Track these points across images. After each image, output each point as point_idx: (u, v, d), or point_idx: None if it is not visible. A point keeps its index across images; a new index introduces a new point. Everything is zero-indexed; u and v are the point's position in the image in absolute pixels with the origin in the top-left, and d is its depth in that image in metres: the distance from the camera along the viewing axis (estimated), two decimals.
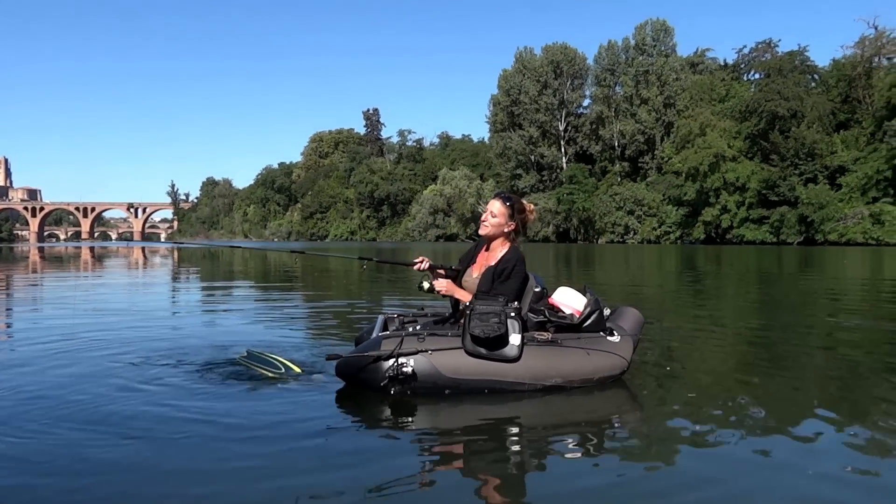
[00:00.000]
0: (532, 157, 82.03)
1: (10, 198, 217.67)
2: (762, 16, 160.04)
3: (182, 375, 4.20)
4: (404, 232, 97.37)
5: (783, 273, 17.60)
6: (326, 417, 3.39)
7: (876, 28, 61.38)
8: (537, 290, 4.06)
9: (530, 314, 3.96)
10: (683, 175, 62.91)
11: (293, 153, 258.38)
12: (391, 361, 3.66)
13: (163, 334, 6.04)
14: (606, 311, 4.11)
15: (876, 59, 60.46)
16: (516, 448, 3.06)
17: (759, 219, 58.74)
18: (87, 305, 9.14)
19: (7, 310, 8.76)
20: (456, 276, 4.23)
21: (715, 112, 64.81)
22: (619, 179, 74.13)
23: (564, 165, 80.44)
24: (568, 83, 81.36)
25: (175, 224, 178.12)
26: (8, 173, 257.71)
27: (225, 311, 8.55)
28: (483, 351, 3.68)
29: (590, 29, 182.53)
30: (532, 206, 4.22)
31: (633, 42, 76.07)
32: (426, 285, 4.11)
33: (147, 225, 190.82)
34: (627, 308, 4.46)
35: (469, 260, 4.24)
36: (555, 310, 4.02)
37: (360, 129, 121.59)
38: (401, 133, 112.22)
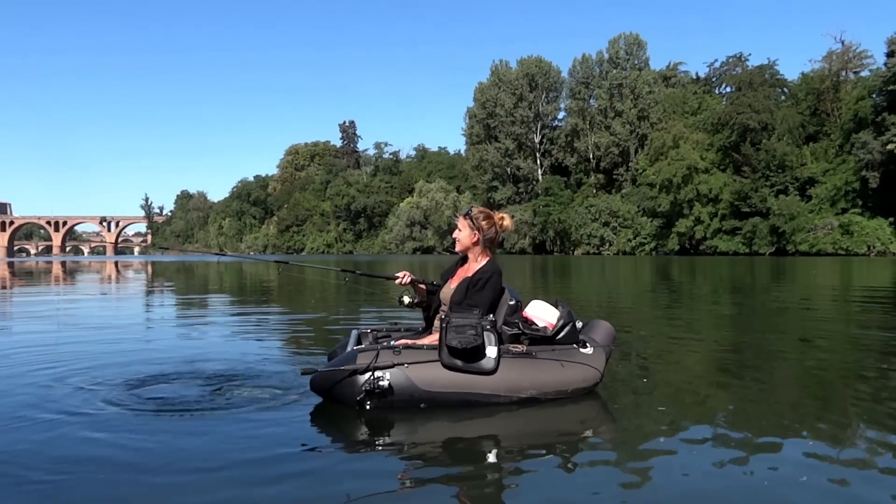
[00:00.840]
0: (508, 170, 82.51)
1: None
2: (732, 30, 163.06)
3: (155, 393, 4.16)
4: (381, 245, 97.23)
5: (756, 283, 17.84)
6: (302, 435, 3.35)
7: (843, 43, 62.86)
8: (512, 303, 4.05)
9: (505, 327, 3.95)
10: (657, 187, 63.63)
11: (269, 166, 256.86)
12: (367, 375, 3.61)
13: (136, 349, 5.99)
14: (579, 324, 4.14)
15: (843, 73, 61.81)
16: (494, 462, 3.06)
17: (731, 230, 59.56)
18: (61, 321, 9.00)
19: None
20: (436, 291, 4.24)
21: (688, 125, 65.75)
22: (594, 191, 74.79)
23: (540, 177, 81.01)
24: (543, 96, 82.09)
25: (149, 238, 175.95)
26: None
27: (201, 324, 8.51)
28: (459, 363, 3.66)
29: (564, 43, 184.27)
30: (502, 215, 4.22)
31: (606, 56, 77.01)
32: (406, 300, 4.10)
33: (120, 239, 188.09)
34: (599, 321, 4.50)
35: (449, 274, 4.26)
36: (529, 323, 4.03)
37: (337, 141, 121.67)
38: (377, 146, 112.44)
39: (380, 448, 3.28)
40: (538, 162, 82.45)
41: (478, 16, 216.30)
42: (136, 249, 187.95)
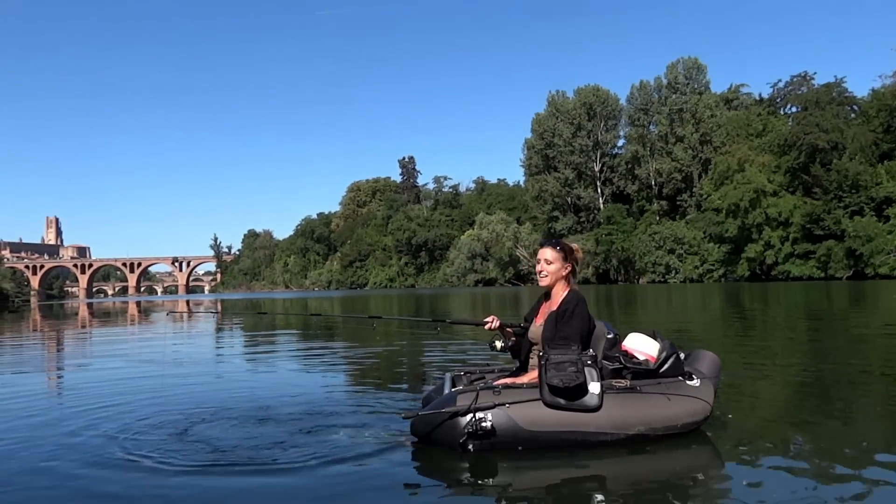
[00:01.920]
0: (569, 199, 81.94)
1: (60, 256, 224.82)
2: (796, 48, 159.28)
3: (250, 433, 4.19)
4: (443, 278, 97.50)
5: (834, 309, 17.08)
6: (405, 479, 3.29)
7: None
8: (610, 336, 3.96)
9: (605, 361, 3.83)
10: (724, 212, 62.03)
11: (332, 203, 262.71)
12: (469, 417, 3.51)
13: (209, 386, 6.10)
14: (682, 355, 4.00)
15: None
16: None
17: (804, 254, 57.39)
18: (167, 360, 9.28)
19: (57, 363, 8.94)
20: (524, 333, 4.18)
21: (753, 147, 64.09)
22: (657, 218, 73.45)
23: (602, 206, 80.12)
24: (602, 124, 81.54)
25: (218, 276, 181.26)
26: (59, 232, 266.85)
27: (279, 364, 8.53)
28: (562, 401, 3.53)
29: (621, 70, 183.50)
30: (577, 245, 4.20)
31: (665, 81, 76.13)
32: (499, 344, 4.08)
33: (191, 278, 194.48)
34: (703, 351, 4.31)
35: (533, 313, 4.20)
36: (629, 356, 3.91)
37: (397, 177, 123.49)
38: (436, 179, 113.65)
39: (487, 491, 3.18)
40: (599, 190, 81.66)
41: (534, 47, 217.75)
42: (206, 288, 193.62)
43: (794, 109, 68.37)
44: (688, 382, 3.81)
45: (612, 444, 3.56)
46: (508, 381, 3.87)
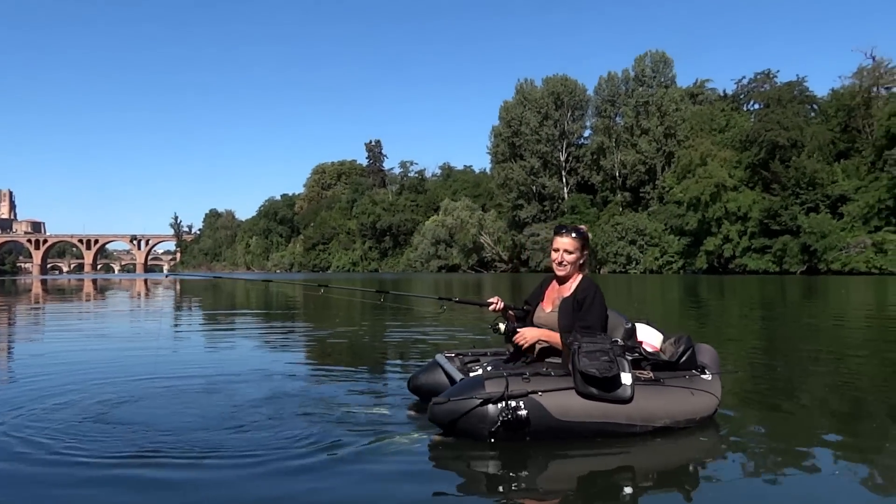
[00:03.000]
0: (533, 188, 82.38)
1: (14, 230, 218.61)
2: (760, 46, 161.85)
3: (249, 426, 3.84)
4: (406, 263, 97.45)
5: (787, 303, 17.51)
6: (429, 472, 3.09)
7: (873, 58, 61.98)
8: (628, 326, 3.90)
9: (626, 352, 3.76)
10: (685, 205, 63.03)
11: (296, 185, 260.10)
12: (501, 405, 3.31)
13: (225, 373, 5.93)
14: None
15: (874, 89, 60.89)
16: (633, 495, 2.91)
17: (761, 248, 58.69)
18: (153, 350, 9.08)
19: (9, 341, 8.71)
20: (526, 316, 4.08)
21: (715, 142, 65.14)
22: (620, 209, 74.34)
23: (566, 196, 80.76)
24: (569, 114, 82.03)
25: (178, 256, 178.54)
26: (12, 206, 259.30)
27: (265, 346, 8.17)
28: (596, 391, 3.41)
29: (590, 61, 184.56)
30: (587, 227, 4.13)
31: (632, 73, 76.89)
32: (502, 327, 3.95)
33: (150, 257, 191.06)
34: (704, 345, 4.30)
35: (537, 297, 4.09)
36: (642, 347, 3.91)
37: (363, 160, 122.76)
38: (403, 164, 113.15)
39: (514, 482, 3.06)
40: (564, 180, 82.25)
41: (503, 35, 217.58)
42: (165, 267, 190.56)
43: (756, 106, 69.64)
44: (702, 377, 3.84)
45: (640, 434, 3.52)
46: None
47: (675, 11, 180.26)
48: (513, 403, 3.32)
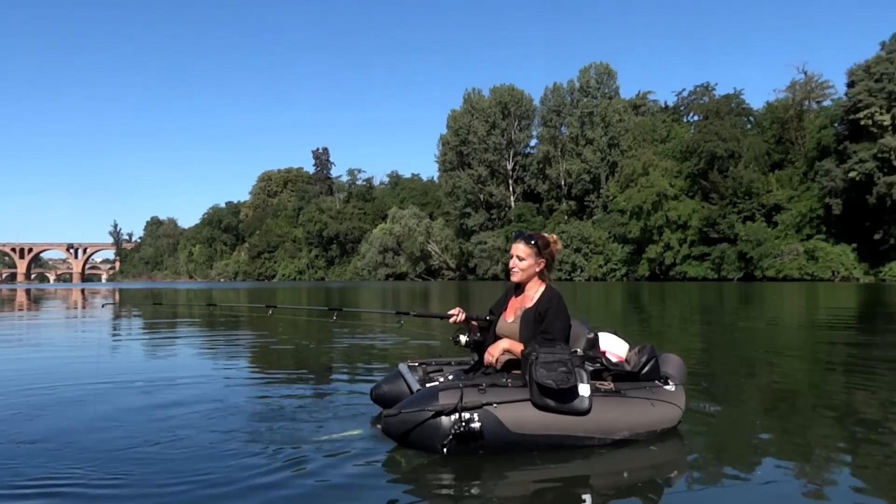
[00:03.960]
0: (481, 196, 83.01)
1: None
2: (700, 60, 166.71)
3: (197, 439, 3.71)
4: (353, 271, 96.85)
5: (725, 309, 18.08)
6: (379, 487, 3.00)
7: (805, 73, 64.75)
8: (590, 336, 3.81)
9: (586, 362, 3.66)
10: (628, 213, 64.45)
11: (241, 192, 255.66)
12: (454, 417, 3.23)
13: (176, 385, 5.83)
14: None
15: (806, 103, 63.57)
16: None
17: (700, 255, 60.44)
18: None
19: None
20: (489, 327, 3.99)
21: (657, 152, 66.89)
22: (565, 218, 75.53)
23: (513, 204, 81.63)
24: (515, 124, 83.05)
25: (117, 265, 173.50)
26: None
27: (227, 368, 7.79)
28: (552, 403, 3.32)
29: (536, 71, 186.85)
30: (555, 237, 3.96)
31: (577, 84, 78.38)
32: (463, 339, 3.85)
33: (87, 266, 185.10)
34: (670, 355, 4.23)
35: (501, 307, 4.00)
36: (605, 357, 3.81)
37: (310, 168, 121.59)
38: (350, 172, 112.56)
39: (467, 498, 2.95)
40: (510, 189, 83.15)
41: (451, 44, 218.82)
42: (104, 276, 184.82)
43: (696, 118, 71.85)
44: (665, 387, 3.76)
45: (598, 447, 3.44)
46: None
47: (620, 23, 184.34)
48: (466, 415, 3.23)
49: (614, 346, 3.89)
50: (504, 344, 3.74)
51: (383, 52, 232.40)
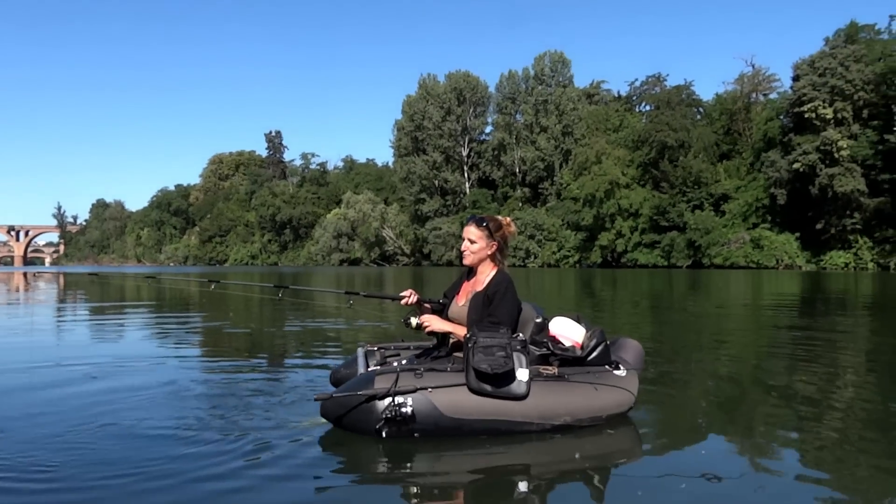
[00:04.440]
0: (436, 182, 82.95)
1: None
2: (652, 51, 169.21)
3: (141, 426, 3.69)
4: (307, 256, 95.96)
5: (674, 294, 18.51)
6: (313, 467, 3.05)
7: (753, 66, 66.36)
8: (538, 320, 3.82)
9: (532, 347, 3.66)
10: (581, 201, 65.20)
11: (191, 175, 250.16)
12: (387, 401, 3.28)
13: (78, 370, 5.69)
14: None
15: (753, 95, 65.17)
16: (525, 495, 2.83)
17: (651, 243, 61.58)
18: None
19: None
20: (442, 310, 3.99)
21: (610, 141, 67.74)
22: (520, 205, 76.03)
23: (467, 190, 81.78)
24: (471, 110, 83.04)
25: (62, 248, 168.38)
26: None
27: (176, 351, 7.60)
28: (488, 388, 3.33)
29: (491, 58, 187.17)
30: (509, 220, 3.95)
31: (532, 72, 78.69)
32: (413, 321, 3.80)
33: (29, 249, 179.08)
34: (627, 339, 4.24)
35: (454, 291, 4.00)
36: (555, 342, 3.77)
37: (262, 151, 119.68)
38: (304, 156, 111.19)
39: (403, 480, 3.00)
40: (465, 175, 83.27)
41: (407, 29, 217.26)
42: (48, 260, 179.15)
43: (648, 108, 72.97)
44: (615, 372, 3.72)
45: (537, 432, 3.44)
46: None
47: (573, 13, 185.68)
48: (399, 399, 3.27)
49: (568, 331, 3.84)
50: (441, 324, 3.76)
51: (339, 36, 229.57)
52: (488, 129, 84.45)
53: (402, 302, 3.96)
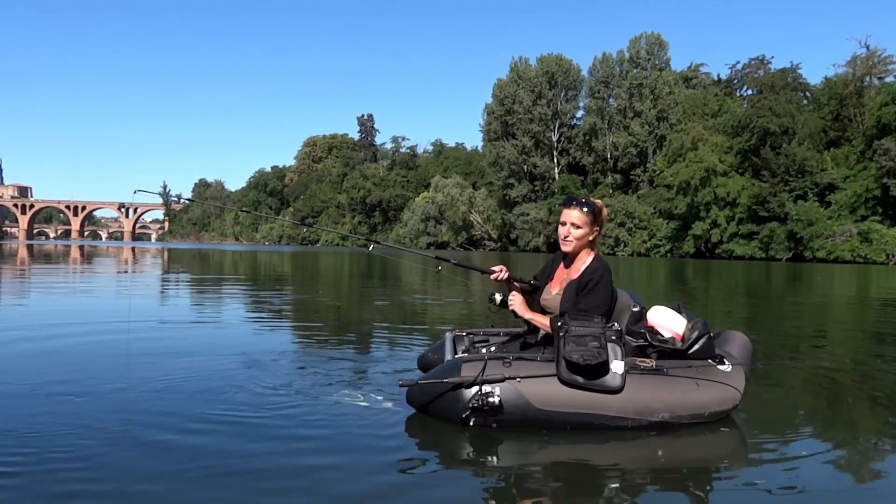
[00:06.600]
0: (525, 167, 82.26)
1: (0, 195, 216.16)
2: (756, 32, 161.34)
3: (226, 401, 3.75)
4: (395, 238, 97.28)
5: (772, 289, 17.72)
6: (396, 452, 2.99)
7: (867, 48, 62.12)
8: (636, 309, 3.63)
9: (629, 337, 3.50)
10: (674, 189, 63.22)
11: (286, 157, 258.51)
12: (475, 389, 3.18)
13: (186, 343, 5.97)
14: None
15: (867, 79, 61.07)
16: (612, 498, 2.64)
17: (748, 234, 59.08)
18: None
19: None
20: (533, 292, 3.81)
21: (707, 127, 65.24)
22: (610, 191, 74.43)
23: (557, 176, 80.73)
24: (562, 94, 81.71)
25: (166, 225, 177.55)
26: None
27: (265, 322, 7.72)
28: (580, 380, 3.18)
29: (585, 41, 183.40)
30: (602, 203, 3.70)
31: (627, 55, 76.54)
32: (499, 298, 3.67)
33: (138, 225, 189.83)
34: (734, 332, 4.00)
35: (547, 276, 3.80)
36: (654, 332, 3.57)
37: (355, 134, 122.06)
38: (394, 140, 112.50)
39: (487, 471, 2.90)
40: (555, 160, 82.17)
41: (499, 13, 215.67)
42: (154, 236, 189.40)
43: (749, 92, 69.74)
44: (719, 367, 3.48)
45: (632, 429, 3.24)
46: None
47: None
48: (487, 388, 3.17)
49: (669, 322, 3.60)
50: (528, 314, 3.63)
51: (431, 20, 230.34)
52: (579, 113, 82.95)
53: (493, 277, 3.75)
